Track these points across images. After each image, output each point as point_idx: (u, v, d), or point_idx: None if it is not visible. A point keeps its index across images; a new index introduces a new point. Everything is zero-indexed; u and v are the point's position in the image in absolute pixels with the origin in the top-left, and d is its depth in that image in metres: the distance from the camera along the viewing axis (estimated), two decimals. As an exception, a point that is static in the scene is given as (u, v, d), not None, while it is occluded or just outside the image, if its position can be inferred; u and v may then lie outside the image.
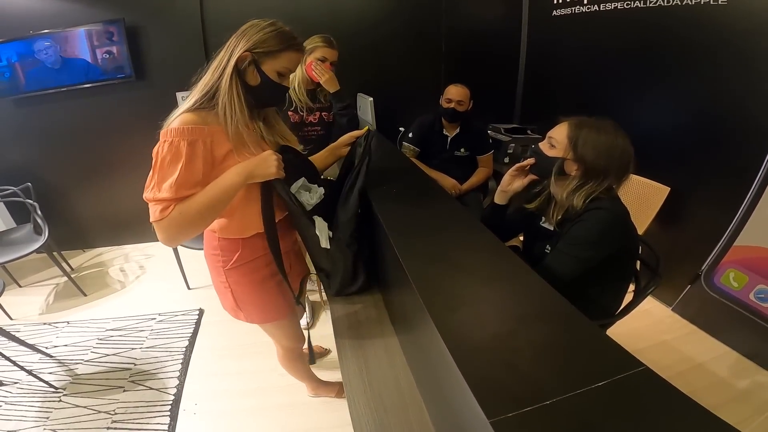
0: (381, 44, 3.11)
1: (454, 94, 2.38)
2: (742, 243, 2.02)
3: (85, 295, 2.71)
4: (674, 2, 2.15)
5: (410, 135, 2.57)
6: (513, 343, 0.64)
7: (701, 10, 2.04)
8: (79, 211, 3.22)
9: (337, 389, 1.83)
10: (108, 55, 2.74)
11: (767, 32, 1.82)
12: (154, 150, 0.98)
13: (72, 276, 2.74)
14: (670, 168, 2.27)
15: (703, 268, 2.20)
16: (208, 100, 1.03)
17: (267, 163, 1.03)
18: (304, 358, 1.70)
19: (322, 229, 1.16)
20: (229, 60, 1.02)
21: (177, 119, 0.99)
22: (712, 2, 1.98)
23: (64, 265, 2.74)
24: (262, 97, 1.10)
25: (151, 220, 0.99)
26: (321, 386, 1.82)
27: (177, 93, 2.95)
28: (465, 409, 0.58)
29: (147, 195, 0.98)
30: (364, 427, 0.91)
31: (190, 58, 2.90)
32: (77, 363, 2.10)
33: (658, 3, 2.23)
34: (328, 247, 1.17)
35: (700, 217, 2.26)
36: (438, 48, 3.25)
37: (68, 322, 2.43)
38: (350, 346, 1.15)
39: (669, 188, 2.26)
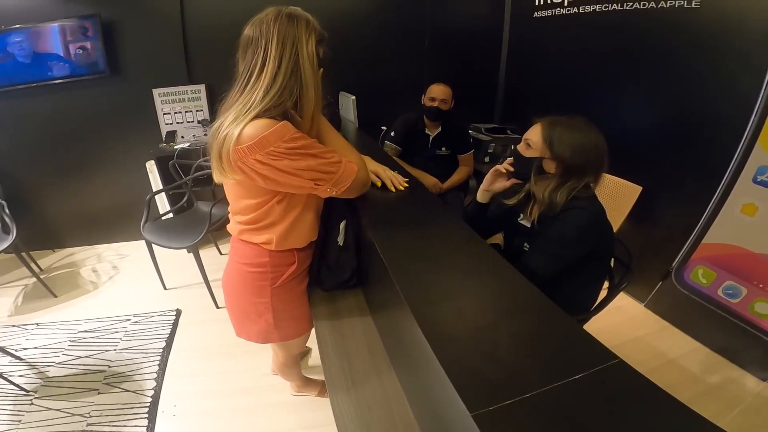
0: (364, 43, 3.12)
1: (438, 93, 2.40)
2: (710, 240, 2.10)
3: (56, 296, 2.62)
4: (650, 5, 2.21)
5: (392, 134, 2.57)
6: (493, 336, 0.65)
7: (675, 13, 2.11)
8: (48, 210, 3.11)
9: (319, 388, 1.83)
10: (81, 51, 2.66)
11: (738, 35, 1.89)
12: (276, 165, 0.91)
13: (41, 277, 2.65)
14: (642, 168, 2.33)
15: (673, 264, 2.27)
16: (281, 103, 0.93)
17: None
18: (299, 361, 1.72)
19: (342, 228, 1.20)
20: (297, 54, 0.93)
21: (253, 127, 0.88)
22: (686, 5, 2.05)
23: (32, 265, 2.64)
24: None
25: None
26: (305, 385, 1.81)
27: (153, 89, 2.89)
28: (447, 402, 0.58)
29: (342, 161, 1.02)
30: (347, 425, 0.91)
31: (169, 54, 2.85)
32: (48, 365, 2.03)
33: (635, 6, 2.29)
34: (341, 244, 1.20)
35: (671, 216, 2.34)
36: (422, 47, 3.27)
37: (38, 324, 2.35)
38: (332, 344, 1.15)
39: (641, 188, 2.32)
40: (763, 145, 1.86)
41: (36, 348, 2.16)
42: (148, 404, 1.81)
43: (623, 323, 2.33)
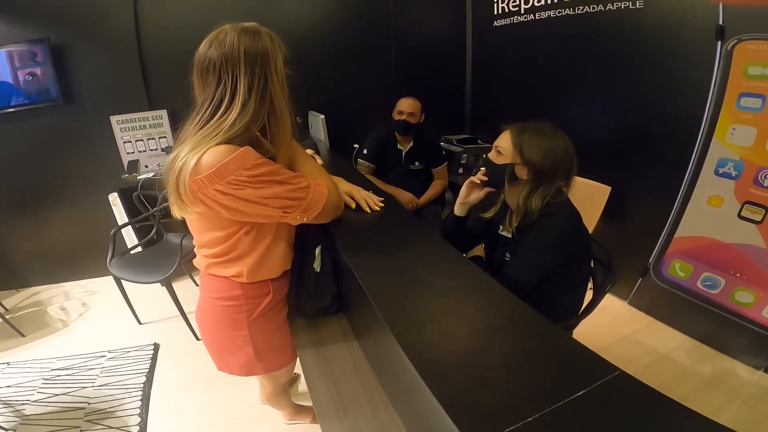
0: (331, 61, 3.11)
1: (406, 106, 2.40)
2: (683, 234, 2.15)
3: (24, 335, 2.49)
4: (598, 8, 2.29)
5: (365, 151, 2.55)
6: (484, 358, 0.62)
7: (621, 15, 2.19)
8: (8, 249, 2.92)
9: (312, 414, 1.76)
10: (31, 77, 2.53)
11: (682, 32, 1.97)
12: (239, 195, 0.85)
13: (7, 317, 2.51)
14: (609, 168, 2.38)
15: (650, 260, 2.31)
16: (247, 129, 0.87)
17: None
18: (288, 389, 1.66)
19: (317, 254, 1.15)
20: (266, 78, 0.87)
21: (211, 155, 0.82)
22: (630, 6, 2.14)
23: (-3, 305, 2.50)
24: None
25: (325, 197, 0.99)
26: (297, 412, 1.75)
27: (111, 117, 2.78)
28: (444, 434, 0.54)
29: (311, 186, 0.96)
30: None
31: (126, 78, 2.75)
32: (24, 404, 1.95)
33: (585, 10, 2.37)
34: (318, 270, 1.15)
35: (642, 213, 2.38)
36: (388, 62, 3.29)
37: (8, 364, 2.24)
38: (319, 372, 1.11)
39: (610, 187, 2.37)
40: (720, 138, 1.93)
41: (9, 387, 2.07)
42: (134, 442, 1.71)
43: (609, 323, 2.34)
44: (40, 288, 3.07)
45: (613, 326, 2.30)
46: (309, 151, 1.55)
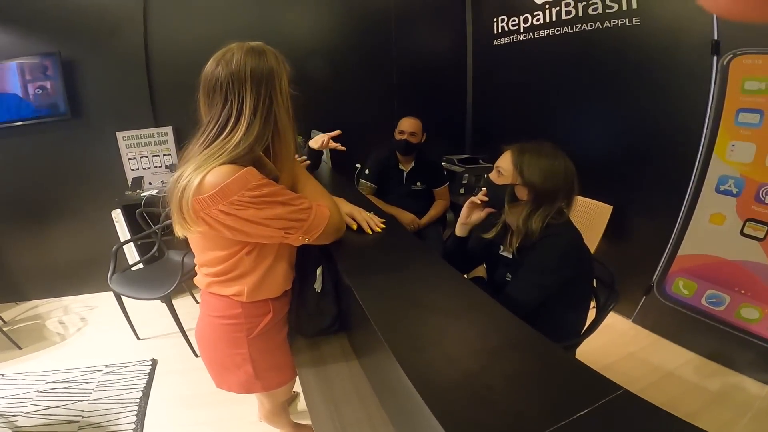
0: (334, 80, 3.16)
1: (407, 126, 2.41)
2: (686, 252, 2.14)
3: (20, 348, 2.49)
4: (596, 26, 2.33)
5: (367, 171, 2.56)
6: (486, 379, 0.61)
7: (620, 32, 2.22)
8: (9, 261, 2.93)
9: (312, 433, 1.72)
10: (41, 91, 2.56)
11: (676, 48, 2.00)
12: (241, 215, 0.85)
13: (5, 329, 2.51)
14: (610, 187, 2.39)
15: (653, 279, 2.29)
16: (252, 150, 0.87)
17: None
18: (287, 407, 1.63)
19: (319, 274, 1.15)
20: (271, 99, 0.88)
21: (214, 175, 0.82)
22: (627, 23, 2.17)
23: (-5, 317, 2.50)
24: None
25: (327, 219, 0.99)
26: (296, 431, 1.70)
27: (117, 132, 2.81)
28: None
29: (313, 207, 0.96)
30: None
31: (133, 95, 2.79)
32: (16, 415, 1.94)
33: (583, 27, 2.41)
34: (319, 290, 1.15)
35: (644, 231, 2.38)
36: (390, 83, 3.34)
37: (3, 375, 2.23)
38: (318, 391, 1.09)
39: (612, 206, 2.36)
40: (719, 155, 1.93)
41: (2, 398, 2.06)
42: (127, 459, 1.69)
43: (614, 340, 2.31)
44: (39, 301, 3.07)
45: (617, 344, 2.28)
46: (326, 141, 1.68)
